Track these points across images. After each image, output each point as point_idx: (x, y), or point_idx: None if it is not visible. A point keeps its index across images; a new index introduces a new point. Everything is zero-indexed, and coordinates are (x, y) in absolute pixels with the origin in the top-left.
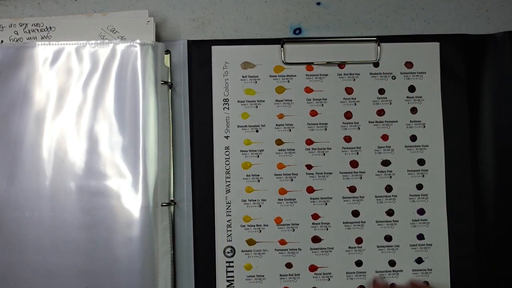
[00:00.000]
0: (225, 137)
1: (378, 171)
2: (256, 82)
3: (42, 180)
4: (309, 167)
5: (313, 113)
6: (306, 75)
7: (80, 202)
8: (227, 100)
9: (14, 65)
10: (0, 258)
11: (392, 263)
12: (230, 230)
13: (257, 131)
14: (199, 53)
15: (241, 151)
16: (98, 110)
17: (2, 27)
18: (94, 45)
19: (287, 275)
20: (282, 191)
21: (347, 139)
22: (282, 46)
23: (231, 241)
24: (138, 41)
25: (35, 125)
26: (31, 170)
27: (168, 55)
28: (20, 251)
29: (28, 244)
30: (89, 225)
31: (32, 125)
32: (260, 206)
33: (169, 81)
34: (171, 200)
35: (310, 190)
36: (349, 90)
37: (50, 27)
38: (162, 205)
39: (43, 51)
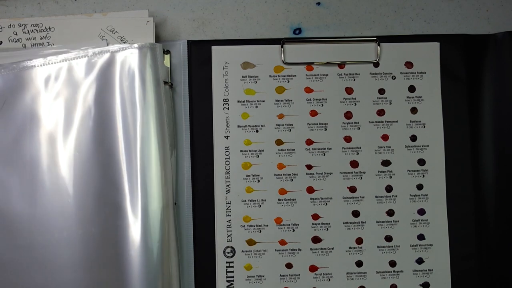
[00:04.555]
0: (225, 137)
1: (378, 171)
2: (256, 82)
3: (65, 198)
4: (309, 167)
5: (313, 113)
6: (306, 75)
7: (105, 214)
8: (227, 100)
9: (16, 90)
10: (37, 282)
11: (392, 263)
12: (230, 230)
13: (257, 131)
14: (199, 53)
15: (241, 151)
16: (106, 120)
17: (1, 28)
18: (92, 56)
19: (287, 275)
20: (282, 191)
21: (347, 139)
22: (282, 46)
23: (231, 241)
24: (135, 45)
25: (48, 144)
26: (52, 190)
27: (168, 55)
28: (56, 273)
29: (63, 264)
30: (114, 236)
31: (45, 145)
32: (260, 206)
33: (169, 81)
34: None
35: (310, 190)
36: (349, 90)
37: (49, 28)
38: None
39: (42, 72)
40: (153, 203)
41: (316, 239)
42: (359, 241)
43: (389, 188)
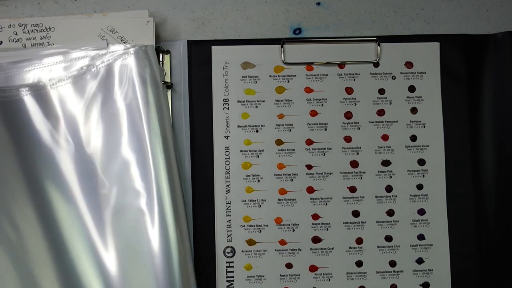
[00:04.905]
0: (225, 137)
1: (378, 171)
2: (256, 82)
3: (76, 208)
4: (309, 167)
5: (313, 113)
6: (306, 75)
7: (118, 220)
8: (227, 100)
9: (13, 117)
10: None
11: (392, 263)
12: (230, 230)
13: (257, 131)
14: (199, 53)
15: (241, 151)
16: (111, 130)
17: (1, 28)
18: (84, 73)
19: (287, 275)
20: (282, 191)
21: (347, 139)
22: (282, 46)
23: (231, 241)
24: (131, 50)
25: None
26: (62, 200)
27: (168, 55)
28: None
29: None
30: (123, 234)
31: (58, 159)
32: (260, 206)
33: (167, 81)
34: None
35: (310, 190)
36: (349, 90)
37: (49, 28)
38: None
39: (33, 101)
40: (166, 206)
41: (316, 239)
42: (359, 241)
43: (389, 188)
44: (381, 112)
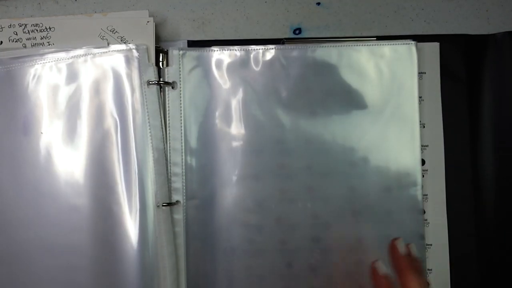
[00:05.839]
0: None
1: None
2: None
3: (53, 199)
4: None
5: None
6: None
7: (93, 210)
8: None
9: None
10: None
11: None
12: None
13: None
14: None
15: None
16: (99, 126)
17: (2, 28)
18: (79, 61)
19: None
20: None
21: None
22: None
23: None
24: (124, 48)
25: (46, 151)
26: (51, 193)
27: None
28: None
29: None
30: (96, 229)
31: (44, 151)
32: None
33: (168, 80)
34: (177, 201)
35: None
36: None
37: (49, 28)
38: (163, 205)
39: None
40: (149, 203)
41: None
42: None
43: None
44: None
